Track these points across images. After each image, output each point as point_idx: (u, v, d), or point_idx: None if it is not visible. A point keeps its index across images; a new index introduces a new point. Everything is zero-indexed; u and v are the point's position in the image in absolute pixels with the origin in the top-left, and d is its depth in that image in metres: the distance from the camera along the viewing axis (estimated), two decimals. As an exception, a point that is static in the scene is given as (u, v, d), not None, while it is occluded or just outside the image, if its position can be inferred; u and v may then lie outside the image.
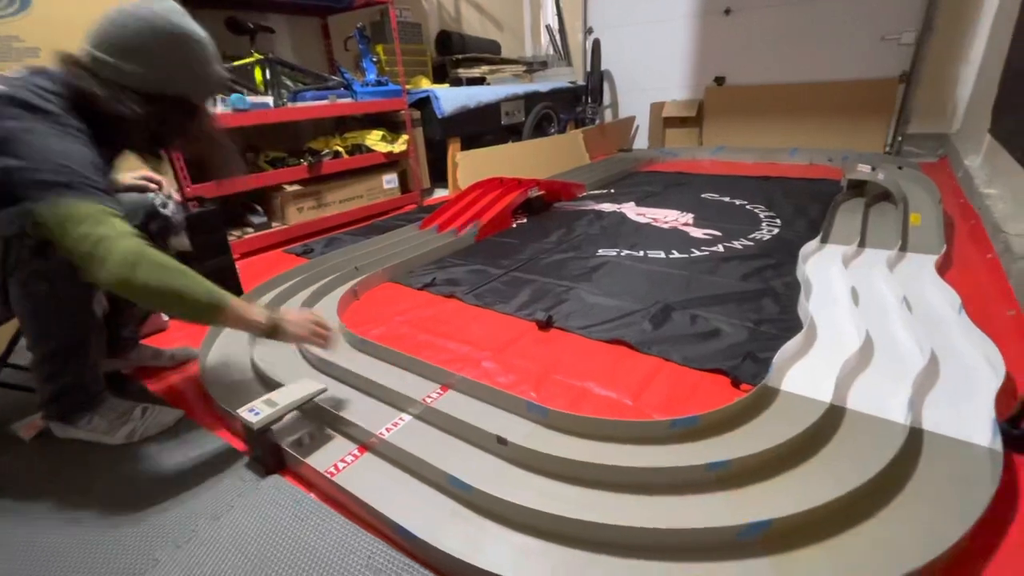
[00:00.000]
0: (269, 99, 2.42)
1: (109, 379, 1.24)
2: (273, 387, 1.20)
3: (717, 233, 2.32)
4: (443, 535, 0.79)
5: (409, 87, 3.31)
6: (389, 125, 3.13)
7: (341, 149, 2.84)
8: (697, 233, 2.34)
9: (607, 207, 2.89)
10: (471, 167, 3.37)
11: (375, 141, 2.98)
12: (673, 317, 1.52)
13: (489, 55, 4.18)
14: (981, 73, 3.19)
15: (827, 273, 1.70)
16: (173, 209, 1.19)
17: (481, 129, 3.72)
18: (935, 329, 1.32)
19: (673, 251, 2.11)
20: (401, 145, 3.05)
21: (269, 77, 2.53)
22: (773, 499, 0.84)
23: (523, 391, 1.21)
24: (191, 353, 1.45)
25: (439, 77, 3.90)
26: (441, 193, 3.59)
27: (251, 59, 2.51)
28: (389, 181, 3.09)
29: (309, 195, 2.67)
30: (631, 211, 2.79)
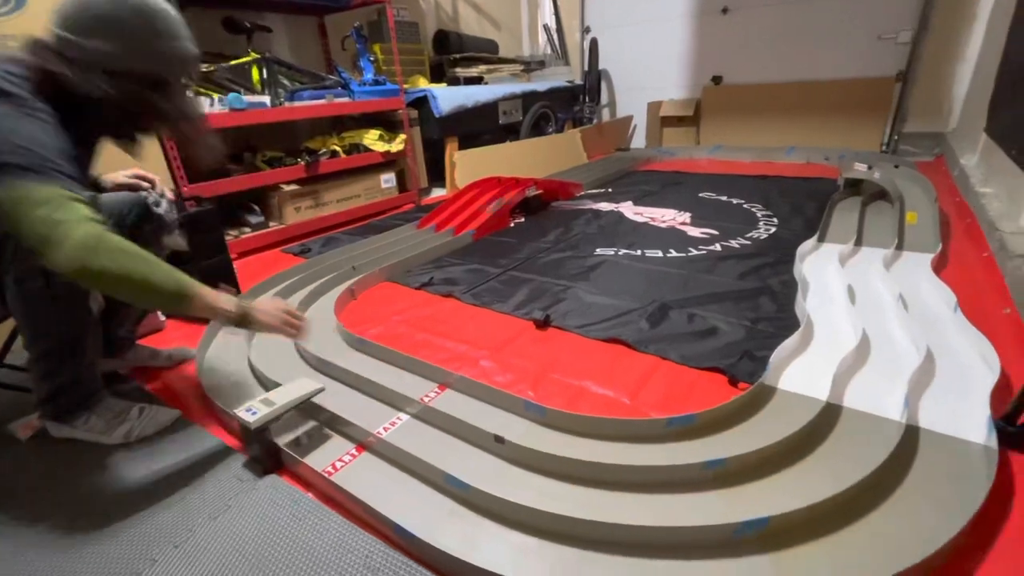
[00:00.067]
0: (266, 98, 2.41)
1: (106, 379, 1.23)
2: (271, 387, 1.20)
3: (714, 232, 2.32)
4: (441, 534, 0.80)
5: (407, 86, 3.30)
6: (386, 124, 3.12)
7: (338, 148, 2.84)
8: (694, 232, 2.35)
9: (605, 206, 2.89)
10: (469, 166, 3.36)
11: (372, 140, 2.97)
12: (670, 316, 1.52)
13: (487, 54, 4.18)
14: (977, 72, 3.20)
15: (824, 272, 1.71)
16: (166, 208, 1.18)
17: (479, 128, 3.72)
18: (931, 327, 1.33)
19: (670, 250, 2.11)
20: (398, 145, 3.05)
21: (266, 76, 2.53)
22: (770, 497, 0.84)
23: (521, 390, 1.22)
24: (188, 353, 1.45)
25: (437, 76, 3.90)
26: (439, 192, 3.58)
27: (248, 58, 2.50)
28: (387, 180, 3.09)
29: (306, 195, 2.67)
30: (629, 210, 2.79)
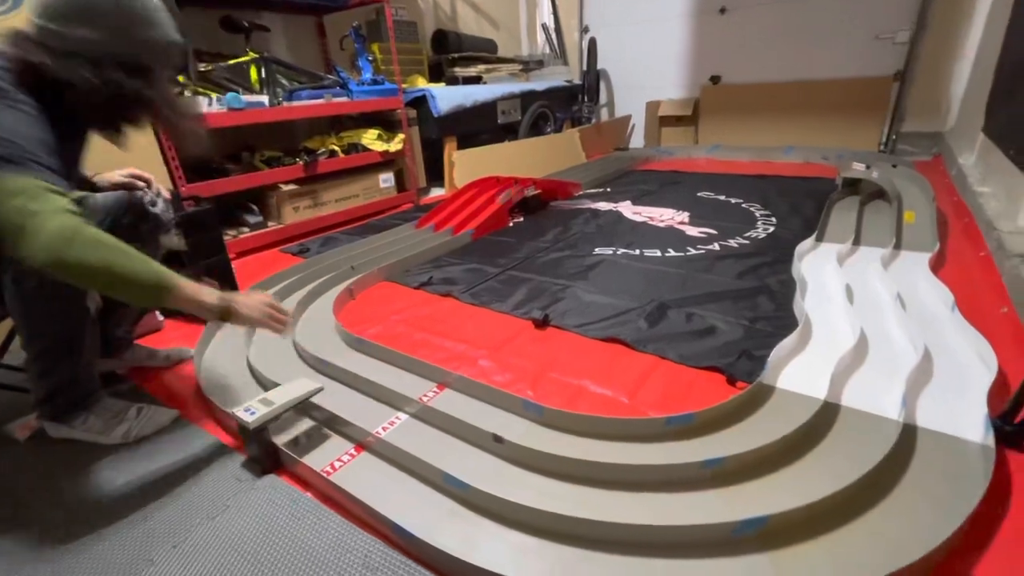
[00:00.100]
0: (264, 98, 2.41)
1: (104, 380, 1.23)
2: (269, 386, 1.20)
3: (713, 231, 2.32)
4: (439, 533, 0.80)
5: (405, 86, 3.30)
6: (385, 124, 3.12)
7: (337, 148, 2.83)
8: (693, 231, 2.35)
9: (603, 206, 2.90)
10: (467, 166, 3.36)
11: (371, 140, 2.97)
12: (669, 315, 1.53)
13: (485, 54, 4.18)
14: (975, 71, 3.21)
15: (822, 271, 1.71)
16: (162, 207, 1.17)
17: (477, 128, 3.72)
18: (928, 326, 1.33)
19: (669, 249, 2.11)
20: (397, 144, 3.05)
21: (264, 76, 2.52)
22: (769, 496, 0.84)
23: (519, 389, 1.22)
24: (186, 353, 1.45)
25: (435, 76, 3.90)
26: (437, 192, 3.58)
27: (246, 58, 2.50)
28: (385, 180, 3.09)
29: (305, 194, 2.66)
30: (627, 210, 2.79)
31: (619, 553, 0.77)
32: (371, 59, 3.06)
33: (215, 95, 2.22)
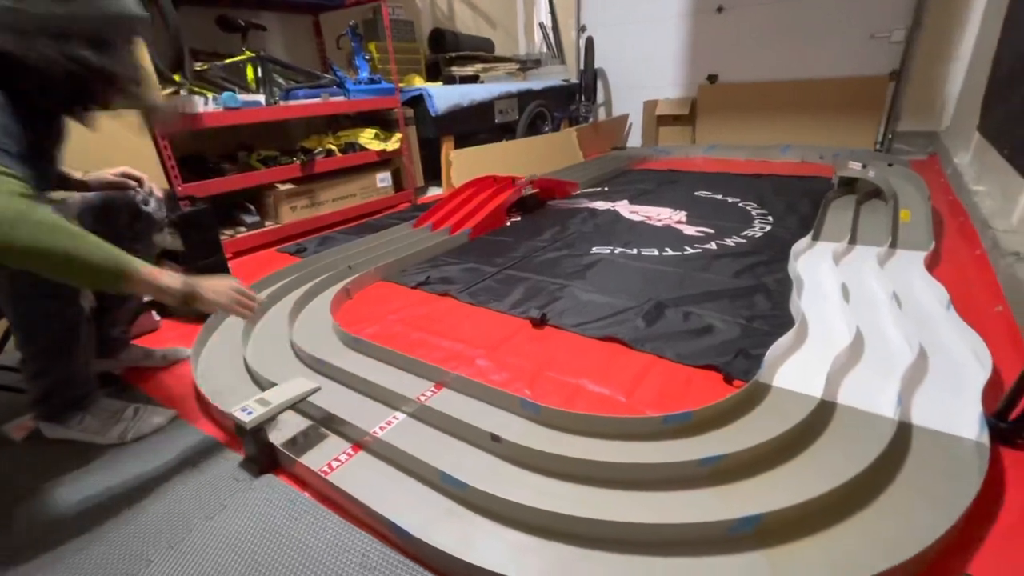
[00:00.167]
0: (261, 97, 2.40)
1: (100, 380, 1.23)
2: (266, 386, 1.20)
3: (710, 230, 2.33)
4: (437, 532, 0.80)
5: (402, 85, 3.29)
6: (382, 123, 3.12)
7: (334, 147, 2.83)
8: (690, 231, 2.35)
9: (601, 205, 2.90)
10: (465, 165, 3.36)
11: (368, 139, 2.97)
12: (666, 314, 1.53)
13: (483, 53, 4.18)
14: (970, 71, 3.22)
15: (818, 270, 1.72)
16: (155, 206, 1.17)
17: (475, 127, 3.71)
18: (924, 325, 1.34)
19: (666, 248, 2.12)
20: (394, 143, 3.04)
21: (261, 75, 2.52)
22: (765, 494, 0.85)
23: (517, 388, 1.22)
24: (183, 353, 1.44)
25: (432, 75, 3.89)
26: (435, 191, 3.58)
27: (243, 57, 2.49)
28: (382, 180, 3.08)
29: (302, 194, 2.66)
30: (625, 209, 2.80)
31: (616, 551, 0.77)
32: (368, 58, 3.06)
33: (211, 94, 2.21)
